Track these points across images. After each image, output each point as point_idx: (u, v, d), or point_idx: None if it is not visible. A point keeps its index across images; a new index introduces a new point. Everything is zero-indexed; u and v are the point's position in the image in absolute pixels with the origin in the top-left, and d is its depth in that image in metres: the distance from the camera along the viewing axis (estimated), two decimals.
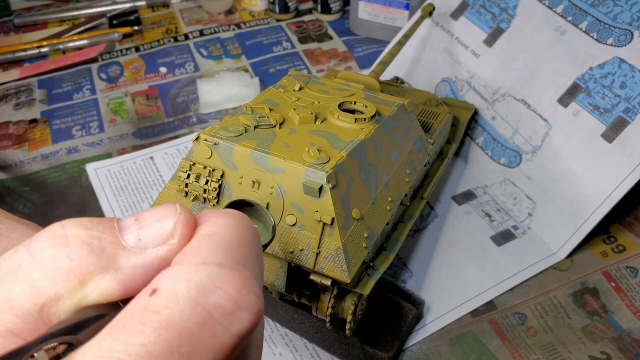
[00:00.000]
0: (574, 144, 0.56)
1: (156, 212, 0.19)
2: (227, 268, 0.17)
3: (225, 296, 0.17)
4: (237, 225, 0.19)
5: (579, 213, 0.55)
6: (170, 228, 0.18)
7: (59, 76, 0.79)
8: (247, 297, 0.17)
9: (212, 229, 0.19)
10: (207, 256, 0.17)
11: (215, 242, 0.18)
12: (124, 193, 0.61)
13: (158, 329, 0.16)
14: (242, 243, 0.19)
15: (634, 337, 0.49)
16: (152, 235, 0.18)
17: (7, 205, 0.60)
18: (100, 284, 0.17)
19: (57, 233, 0.17)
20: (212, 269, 0.17)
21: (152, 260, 0.18)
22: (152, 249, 0.18)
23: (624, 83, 0.54)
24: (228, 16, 0.92)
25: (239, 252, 0.18)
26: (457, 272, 0.54)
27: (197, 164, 0.39)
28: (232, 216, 0.19)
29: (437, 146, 0.56)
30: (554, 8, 0.62)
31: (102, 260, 0.17)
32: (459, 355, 0.48)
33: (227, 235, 0.18)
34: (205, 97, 0.72)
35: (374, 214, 0.40)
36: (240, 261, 0.18)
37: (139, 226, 0.18)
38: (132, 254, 0.18)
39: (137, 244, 0.18)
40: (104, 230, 0.18)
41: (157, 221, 0.19)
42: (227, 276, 0.17)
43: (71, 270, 0.17)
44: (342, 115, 0.42)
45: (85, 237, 0.18)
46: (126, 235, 0.18)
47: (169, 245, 0.18)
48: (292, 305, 0.46)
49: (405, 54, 0.73)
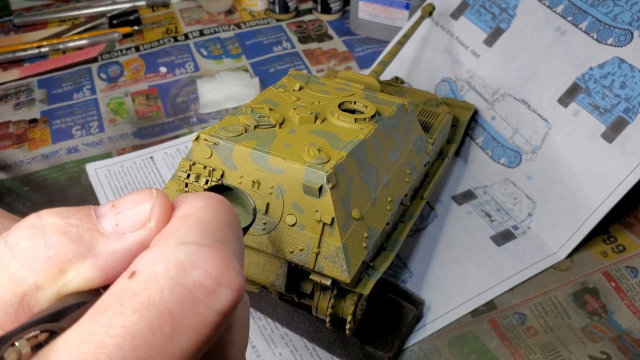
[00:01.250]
0: (574, 144, 0.56)
1: (133, 197, 0.19)
2: (205, 247, 0.17)
3: (205, 274, 0.16)
4: (214, 206, 0.19)
5: (579, 213, 0.55)
6: (147, 212, 0.18)
7: (59, 76, 0.79)
8: (227, 273, 0.17)
9: (190, 210, 0.19)
10: (185, 236, 0.17)
11: (193, 222, 0.18)
12: (124, 193, 0.61)
13: (138, 310, 0.16)
14: (220, 222, 0.18)
15: (634, 337, 0.49)
16: (130, 220, 0.18)
17: (7, 205, 0.60)
18: (80, 271, 0.17)
19: (34, 223, 0.18)
20: (191, 248, 0.17)
21: (131, 245, 0.18)
22: (130, 234, 0.18)
23: (624, 83, 0.54)
24: (228, 16, 0.92)
25: (217, 231, 0.18)
26: (457, 272, 0.54)
27: (197, 164, 0.39)
28: (209, 198, 0.19)
29: (437, 146, 0.56)
30: (554, 8, 0.62)
31: (81, 248, 0.17)
32: (459, 355, 0.48)
33: (205, 216, 0.18)
34: (205, 97, 0.72)
35: (374, 214, 0.40)
36: (219, 240, 0.18)
37: (116, 212, 0.18)
38: (110, 239, 0.18)
39: (115, 230, 0.18)
40: (81, 217, 0.18)
41: (134, 206, 0.19)
42: (206, 254, 0.17)
43: (50, 259, 0.17)
44: (342, 115, 0.42)
45: (62, 225, 0.18)
46: (103, 221, 0.18)
47: (147, 229, 0.18)
48: (292, 305, 0.46)
49: (405, 54, 0.73)
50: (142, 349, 0.15)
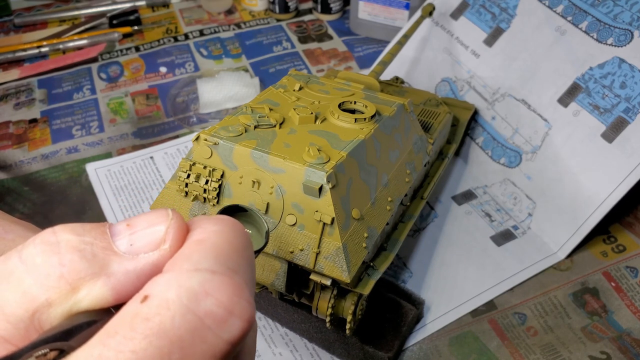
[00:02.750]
0: (574, 144, 0.56)
1: (148, 218, 0.19)
2: (218, 275, 0.17)
3: (217, 303, 0.17)
4: (228, 231, 0.19)
5: (579, 213, 0.55)
6: (162, 234, 0.18)
7: (59, 76, 0.79)
8: (238, 303, 0.17)
9: (204, 235, 0.19)
10: (198, 263, 0.17)
11: (207, 248, 0.18)
12: (124, 193, 0.61)
13: (149, 336, 0.15)
14: (233, 249, 0.19)
15: (634, 337, 0.49)
16: (144, 241, 0.18)
17: (7, 205, 0.60)
18: (92, 290, 0.17)
19: (48, 239, 0.17)
20: (204, 276, 0.17)
21: (144, 266, 0.18)
22: (143, 255, 0.18)
23: (624, 83, 0.54)
24: (228, 16, 0.92)
25: (230, 258, 0.18)
26: (457, 272, 0.54)
27: (197, 164, 0.39)
28: (224, 222, 0.19)
29: (437, 146, 0.56)
30: (554, 8, 0.62)
31: (94, 266, 0.17)
32: (459, 355, 0.48)
33: (219, 242, 0.18)
34: (205, 97, 0.72)
35: (374, 214, 0.40)
36: (232, 268, 0.18)
37: (131, 232, 0.18)
38: (124, 259, 0.18)
39: (129, 250, 0.18)
40: (96, 236, 0.18)
41: (149, 227, 0.19)
42: (219, 283, 0.17)
43: (63, 277, 0.17)
44: (342, 115, 0.42)
45: (77, 243, 0.18)
46: (118, 240, 0.18)
47: (161, 251, 0.18)
48: (292, 305, 0.46)
49: (405, 54, 0.73)
50: None
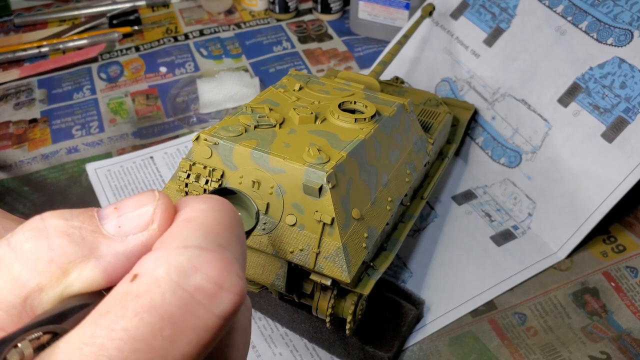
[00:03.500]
0: (574, 144, 0.56)
1: (135, 200, 0.19)
2: (207, 251, 0.17)
3: (206, 278, 0.17)
4: (217, 209, 0.19)
5: (579, 213, 0.55)
6: (149, 214, 0.19)
7: (59, 76, 0.79)
8: (228, 278, 0.17)
9: (192, 213, 0.19)
10: (187, 240, 0.17)
11: (195, 226, 0.18)
12: (124, 193, 0.61)
13: (140, 313, 0.16)
14: (222, 226, 0.19)
15: (634, 337, 0.49)
16: (132, 223, 0.18)
17: (7, 205, 0.60)
18: (83, 273, 0.18)
19: (37, 225, 0.18)
20: (192, 252, 0.17)
21: (133, 247, 0.18)
22: (132, 236, 0.18)
23: (624, 83, 0.54)
24: (228, 16, 0.92)
25: (219, 235, 0.18)
26: (457, 272, 0.54)
27: (197, 164, 0.39)
28: (213, 201, 0.19)
29: (437, 146, 0.56)
30: (554, 8, 0.62)
31: (84, 249, 0.18)
32: (459, 355, 0.48)
33: (207, 219, 0.19)
34: (205, 97, 0.72)
35: (374, 214, 0.40)
36: (221, 244, 0.18)
37: (119, 214, 0.19)
38: (113, 241, 0.18)
39: (118, 232, 0.18)
40: (84, 220, 0.18)
41: (137, 208, 0.19)
42: (208, 258, 0.17)
43: (53, 261, 0.17)
44: (342, 115, 0.42)
45: (65, 227, 0.18)
46: (106, 223, 0.18)
47: (149, 231, 0.18)
48: (292, 305, 0.46)
49: (405, 54, 0.73)
50: (143, 352, 0.15)
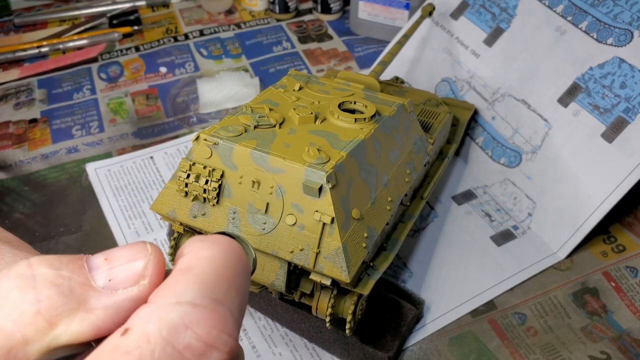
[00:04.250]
0: (574, 144, 0.56)
1: (126, 252, 0.19)
2: (200, 308, 0.17)
3: (196, 337, 0.16)
4: (220, 257, 0.19)
5: (579, 213, 0.55)
6: (141, 268, 0.18)
7: (59, 76, 0.79)
8: (217, 337, 0.17)
9: (193, 261, 0.18)
10: (181, 294, 0.17)
11: (192, 278, 0.18)
12: (124, 193, 0.61)
13: None
14: (220, 278, 0.18)
15: (634, 337, 0.49)
16: (123, 276, 0.18)
17: (7, 205, 0.60)
18: (70, 325, 0.17)
19: (24, 272, 0.17)
20: (185, 309, 0.17)
21: (123, 301, 0.18)
22: (122, 290, 0.18)
23: (624, 83, 0.54)
24: (228, 16, 0.92)
25: (216, 288, 0.18)
26: (457, 272, 0.54)
27: (197, 164, 0.39)
28: (217, 247, 0.19)
29: (437, 146, 0.56)
30: (554, 8, 0.62)
31: (72, 302, 0.17)
32: (459, 355, 0.48)
33: (206, 270, 0.18)
34: (205, 97, 0.72)
35: (373, 214, 0.40)
36: (216, 298, 0.18)
37: (109, 266, 0.18)
38: (103, 295, 0.18)
39: (108, 285, 0.18)
40: (73, 270, 0.18)
41: (128, 261, 0.18)
42: (199, 316, 0.17)
43: (40, 313, 0.17)
44: (342, 115, 0.42)
45: (53, 277, 0.17)
46: (96, 275, 0.18)
47: (140, 286, 0.18)
48: (292, 305, 0.46)
49: (405, 54, 0.73)
50: None
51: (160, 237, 0.57)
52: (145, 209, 0.60)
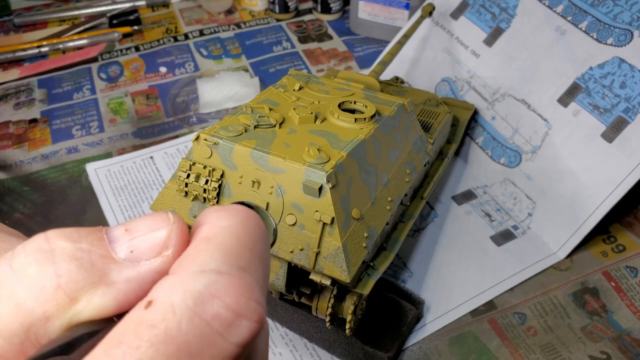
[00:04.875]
0: (574, 144, 0.56)
1: (148, 222, 0.18)
2: (225, 275, 0.16)
3: (224, 305, 0.16)
4: (239, 226, 0.18)
5: (579, 213, 0.55)
6: (163, 238, 0.18)
7: (59, 76, 0.79)
8: (246, 305, 0.16)
9: (212, 231, 0.18)
10: (205, 263, 0.16)
11: (214, 247, 0.17)
12: (124, 193, 0.61)
13: (155, 344, 0.15)
14: (243, 246, 0.18)
15: (634, 337, 0.49)
16: (145, 247, 0.17)
17: (7, 205, 0.60)
18: (92, 300, 0.16)
19: (42, 247, 0.16)
20: (210, 277, 0.16)
21: (146, 273, 0.17)
22: (145, 262, 0.17)
23: (624, 83, 0.54)
24: (228, 16, 0.92)
25: (239, 256, 0.17)
26: (457, 272, 0.54)
27: (197, 164, 0.39)
28: (235, 216, 0.18)
29: (437, 146, 0.56)
30: (554, 8, 0.62)
31: (93, 276, 0.16)
32: (459, 355, 0.48)
33: (227, 239, 0.17)
34: (205, 96, 0.72)
35: (373, 214, 0.40)
36: (241, 266, 0.17)
37: (130, 237, 0.18)
38: (125, 267, 0.17)
39: (130, 257, 0.17)
40: (93, 242, 0.17)
41: (150, 231, 0.18)
42: (226, 284, 0.16)
43: (60, 288, 0.16)
44: (342, 115, 0.42)
45: (73, 250, 0.17)
46: (117, 247, 0.17)
47: (163, 257, 0.17)
48: (292, 305, 0.46)
49: (405, 53, 0.73)
50: None
51: None
52: (145, 209, 0.60)
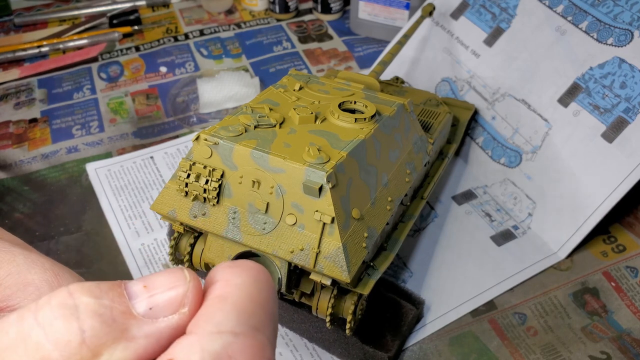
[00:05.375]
0: (574, 144, 0.56)
1: (165, 279, 0.19)
2: (240, 336, 0.17)
3: None
4: (251, 284, 0.19)
5: (579, 213, 0.55)
6: (181, 296, 0.19)
7: (59, 76, 0.79)
8: None
9: (226, 289, 0.19)
10: (221, 324, 0.18)
11: (229, 306, 0.18)
12: (124, 193, 0.61)
13: None
14: (256, 305, 0.19)
15: (634, 337, 0.49)
16: (163, 305, 0.18)
17: (7, 205, 0.60)
18: (113, 354, 0.17)
19: (66, 302, 0.17)
20: (226, 339, 0.17)
21: (164, 329, 0.18)
22: (163, 318, 0.18)
23: (624, 83, 0.54)
24: (228, 16, 0.92)
25: (252, 315, 0.18)
26: (457, 272, 0.54)
27: (197, 164, 0.39)
28: (247, 274, 0.19)
29: (437, 146, 0.56)
30: (554, 8, 0.62)
31: (115, 331, 0.17)
32: (459, 355, 0.48)
33: (241, 298, 0.19)
34: (205, 96, 0.72)
35: (374, 214, 0.40)
36: (254, 326, 0.18)
37: (149, 294, 0.18)
38: (144, 323, 0.18)
39: (149, 313, 0.18)
40: (114, 298, 0.18)
41: (168, 289, 0.19)
42: (241, 345, 0.17)
43: (84, 343, 0.17)
44: (342, 115, 0.42)
45: (95, 306, 0.17)
46: (137, 303, 0.18)
47: (180, 314, 0.18)
48: (292, 305, 0.46)
49: (405, 53, 0.73)
50: None
51: (160, 237, 0.57)
52: (145, 209, 0.60)
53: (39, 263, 0.23)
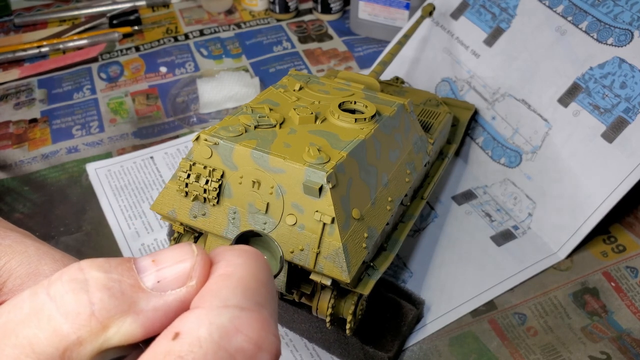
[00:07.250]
0: (574, 144, 0.56)
1: (173, 254, 0.19)
2: (247, 311, 0.18)
3: (247, 339, 0.17)
4: (253, 264, 0.19)
5: (579, 213, 0.55)
6: (188, 270, 0.19)
7: (59, 76, 0.79)
8: (266, 338, 0.18)
9: (230, 268, 0.19)
10: (227, 299, 0.18)
11: (234, 283, 0.19)
12: (124, 193, 0.61)
13: None
14: (259, 283, 0.19)
15: (634, 337, 0.49)
16: (171, 278, 0.19)
17: (7, 205, 0.60)
18: (122, 327, 0.18)
19: (76, 276, 0.18)
20: (233, 312, 0.17)
21: (172, 302, 0.18)
22: (171, 291, 0.19)
23: (624, 83, 0.54)
24: (228, 16, 0.92)
25: (257, 292, 0.19)
26: (457, 272, 0.54)
27: (197, 164, 0.39)
28: (248, 255, 0.20)
29: (437, 146, 0.56)
30: (554, 8, 0.62)
31: (123, 304, 0.18)
32: (459, 355, 0.48)
33: (245, 276, 0.19)
34: (205, 97, 0.72)
35: (374, 214, 0.40)
36: (259, 302, 0.18)
37: (157, 268, 0.19)
38: (152, 296, 0.18)
39: (157, 287, 0.19)
40: (123, 272, 0.18)
41: (175, 263, 0.19)
42: (248, 319, 0.18)
43: (93, 315, 0.17)
44: (342, 115, 0.42)
45: (105, 280, 0.18)
46: (145, 277, 0.19)
47: (188, 288, 0.19)
48: (293, 305, 0.46)
49: (405, 54, 0.73)
50: None
51: (160, 237, 0.57)
52: (145, 209, 0.60)
53: (49, 254, 0.24)
